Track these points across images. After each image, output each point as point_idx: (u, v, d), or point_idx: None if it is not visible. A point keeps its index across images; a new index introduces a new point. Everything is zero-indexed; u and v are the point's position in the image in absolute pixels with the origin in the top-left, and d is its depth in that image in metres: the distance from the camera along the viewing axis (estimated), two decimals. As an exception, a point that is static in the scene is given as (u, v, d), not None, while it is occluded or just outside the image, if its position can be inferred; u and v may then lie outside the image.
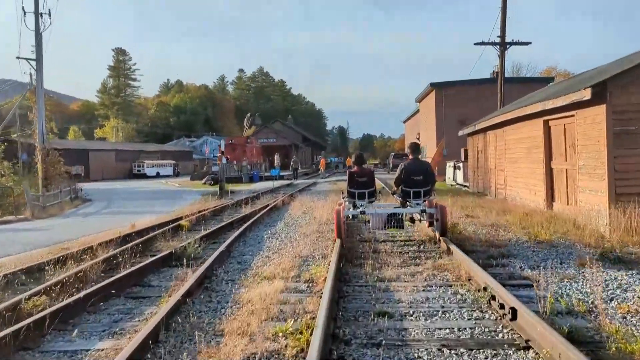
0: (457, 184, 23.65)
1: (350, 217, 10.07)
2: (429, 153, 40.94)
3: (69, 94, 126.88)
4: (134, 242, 9.19)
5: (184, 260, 7.82)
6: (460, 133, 22.10)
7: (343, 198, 10.04)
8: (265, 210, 15.07)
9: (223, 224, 12.32)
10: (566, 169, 12.05)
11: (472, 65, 43.04)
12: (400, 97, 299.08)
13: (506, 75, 42.08)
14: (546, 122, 12.96)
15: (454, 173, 24.43)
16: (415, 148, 9.50)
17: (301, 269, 7.24)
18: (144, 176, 63.80)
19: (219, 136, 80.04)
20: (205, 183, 39.44)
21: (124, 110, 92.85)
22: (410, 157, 9.32)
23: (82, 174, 60.46)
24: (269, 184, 30.94)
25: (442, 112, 37.31)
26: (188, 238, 10.08)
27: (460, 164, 23.47)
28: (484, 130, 18.58)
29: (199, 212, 14.89)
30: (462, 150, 29.80)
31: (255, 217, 13.20)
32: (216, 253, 8.07)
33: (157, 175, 64.84)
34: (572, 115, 11.27)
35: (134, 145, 73.80)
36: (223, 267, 7.72)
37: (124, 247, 8.64)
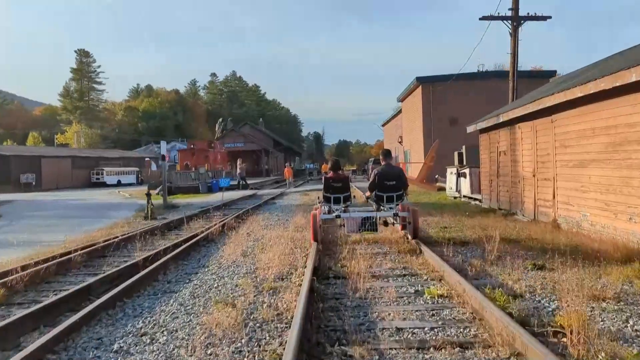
0: (464, 196, 17.78)
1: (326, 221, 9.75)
2: (414, 157, 35.21)
3: (34, 98, 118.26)
4: None
5: None
6: (469, 129, 16.27)
7: (319, 203, 9.63)
8: (186, 245, 8.96)
9: (75, 288, 6.09)
10: None
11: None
12: (375, 105, 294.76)
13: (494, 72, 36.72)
14: (662, 97, 7.16)
15: (457, 182, 18.57)
16: (388, 154, 9.60)
17: None
18: (103, 185, 56.76)
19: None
20: (158, 193, 33.07)
21: (88, 115, 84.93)
22: (383, 162, 9.32)
23: (33, 183, 53.43)
24: (230, 195, 24.72)
25: (430, 111, 31.67)
26: None
27: (467, 170, 17.61)
28: (512, 122, 12.76)
29: (72, 251, 8.58)
30: (456, 153, 24.35)
31: (151, 268, 7.03)
32: None
33: (118, 184, 57.78)
34: None
35: (93, 152, 66.49)
36: None
37: None
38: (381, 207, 9.01)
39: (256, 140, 61.42)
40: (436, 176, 28.51)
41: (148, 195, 16.05)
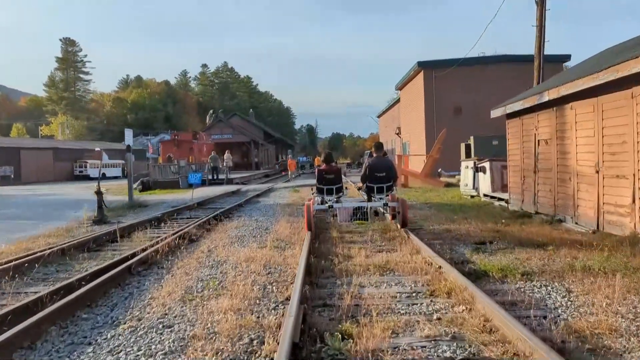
0: (484, 195, 14.64)
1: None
2: (413, 149, 32.10)
3: (21, 89, 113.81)
4: None
5: None
6: (496, 112, 13.06)
7: (312, 194, 9.82)
8: (107, 276, 5.79)
9: None
10: None
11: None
12: (369, 98, 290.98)
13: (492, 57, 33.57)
14: None
15: (475, 177, 15.41)
16: (379, 147, 9.81)
17: None
18: (86, 178, 53.51)
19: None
20: (135, 188, 29.81)
21: (74, 106, 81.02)
22: (375, 155, 9.52)
23: (12, 176, 50.05)
24: (211, 191, 21.58)
25: (432, 99, 28.50)
26: None
27: (486, 164, 14.46)
28: (560, 101, 9.61)
29: None
30: (463, 145, 21.34)
31: (10, 335, 3.86)
32: None
33: (103, 177, 54.40)
34: None
35: (76, 144, 62.78)
36: None
37: None
38: (372, 197, 9.16)
39: (246, 131, 57.90)
40: (439, 170, 25.49)
41: (98, 194, 12.73)
